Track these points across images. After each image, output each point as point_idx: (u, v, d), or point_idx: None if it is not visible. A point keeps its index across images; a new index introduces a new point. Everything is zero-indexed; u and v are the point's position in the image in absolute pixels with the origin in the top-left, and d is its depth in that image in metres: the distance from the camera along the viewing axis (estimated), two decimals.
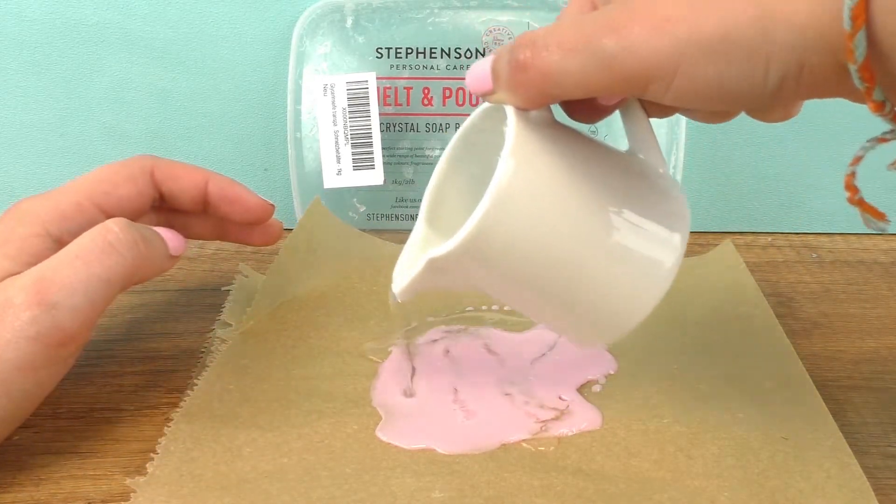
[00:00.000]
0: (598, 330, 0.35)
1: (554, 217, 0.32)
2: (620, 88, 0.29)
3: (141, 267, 0.36)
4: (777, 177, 0.58)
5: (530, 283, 0.33)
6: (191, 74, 0.55)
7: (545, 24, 0.54)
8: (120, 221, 0.36)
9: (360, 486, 0.34)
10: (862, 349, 0.45)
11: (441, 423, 0.38)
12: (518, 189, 0.31)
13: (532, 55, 0.29)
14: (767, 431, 0.37)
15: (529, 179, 0.31)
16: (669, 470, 0.35)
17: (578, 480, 0.35)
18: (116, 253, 0.35)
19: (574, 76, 0.28)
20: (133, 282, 0.37)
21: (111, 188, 0.39)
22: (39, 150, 0.57)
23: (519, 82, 0.30)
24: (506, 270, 0.33)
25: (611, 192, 0.33)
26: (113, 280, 0.35)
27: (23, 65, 0.55)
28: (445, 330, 0.45)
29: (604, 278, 0.33)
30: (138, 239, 0.36)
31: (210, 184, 0.42)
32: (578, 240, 0.32)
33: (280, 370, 0.41)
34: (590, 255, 0.32)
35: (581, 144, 0.34)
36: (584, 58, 0.28)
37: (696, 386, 0.41)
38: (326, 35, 0.54)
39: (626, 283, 0.33)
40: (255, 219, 0.43)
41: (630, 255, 0.33)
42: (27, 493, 0.35)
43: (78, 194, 0.39)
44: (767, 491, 0.34)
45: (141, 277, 0.37)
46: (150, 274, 0.38)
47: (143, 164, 0.41)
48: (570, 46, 0.28)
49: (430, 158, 0.55)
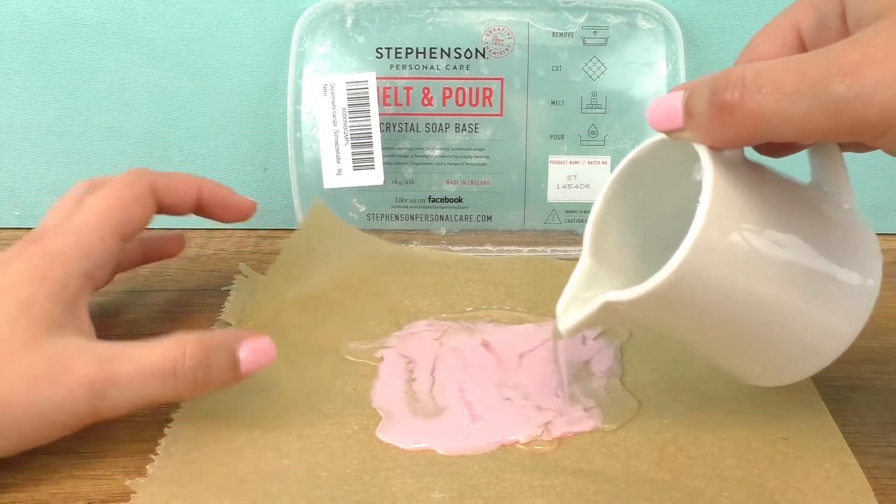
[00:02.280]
0: (785, 370, 0.35)
1: (754, 264, 0.31)
2: (848, 135, 0.27)
3: (195, 392, 0.36)
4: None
5: (716, 329, 0.33)
6: (191, 74, 0.55)
7: (545, 23, 0.54)
8: (195, 347, 0.35)
9: (360, 487, 0.34)
10: (862, 349, 0.45)
11: (441, 424, 0.38)
12: (716, 236, 0.30)
13: (742, 96, 0.27)
14: (767, 432, 0.37)
15: (728, 225, 0.30)
16: (669, 470, 0.35)
17: (578, 481, 0.35)
18: (174, 382, 0.35)
19: (793, 122, 0.27)
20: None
21: (124, 214, 0.40)
22: (39, 150, 0.57)
23: (722, 124, 0.28)
24: (692, 316, 0.32)
25: (807, 232, 0.32)
26: (161, 399, 0.36)
27: (23, 65, 0.55)
28: (428, 323, 0.46)
29: (798, 323, 0.32)
30: (201, 369, 0.35)
31: (203, 190, 0.44)
32: (778, 284, 0.31)
33: (280, 370, 0.41)
34: (792, 294, 0.32)
35: (771, 182, 0.33)
36: (807, 102, 0.26)
37: (695, 387, 0.41)
38: (326, 35, 0.54)
39: (830, 318, 0.33)
40: (242, 218, 0.46)
41: (827, 298, 0.32)
42: (27, 493, 0.35)
43: (99, 229, 0.39)
44: (767, 492, 0.34)
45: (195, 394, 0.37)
46: (207, 392, 0.37)
47: (144, 182, 0.41)
48: (790, 89, 0.26)
49: (430, 158, 0.55)
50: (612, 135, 0.55)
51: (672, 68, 0.54)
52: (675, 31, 0.53)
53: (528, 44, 0.54)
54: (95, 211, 0.40)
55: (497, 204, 0.56)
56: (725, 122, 0.28)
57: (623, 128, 0.55)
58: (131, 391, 0.34)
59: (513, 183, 0.56)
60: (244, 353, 0.36)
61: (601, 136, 0.55)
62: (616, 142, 0.55)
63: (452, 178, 0.56)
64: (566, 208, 0.56)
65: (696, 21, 0.54)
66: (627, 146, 0.55)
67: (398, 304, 0.47)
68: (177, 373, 0.35)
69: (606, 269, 0.36)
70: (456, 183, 0.56)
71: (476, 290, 0.49)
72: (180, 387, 0.35)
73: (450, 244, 0.55)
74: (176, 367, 0.35)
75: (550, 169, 0.55)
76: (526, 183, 0.55)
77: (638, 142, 0.54)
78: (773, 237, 0.31)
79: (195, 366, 0.35)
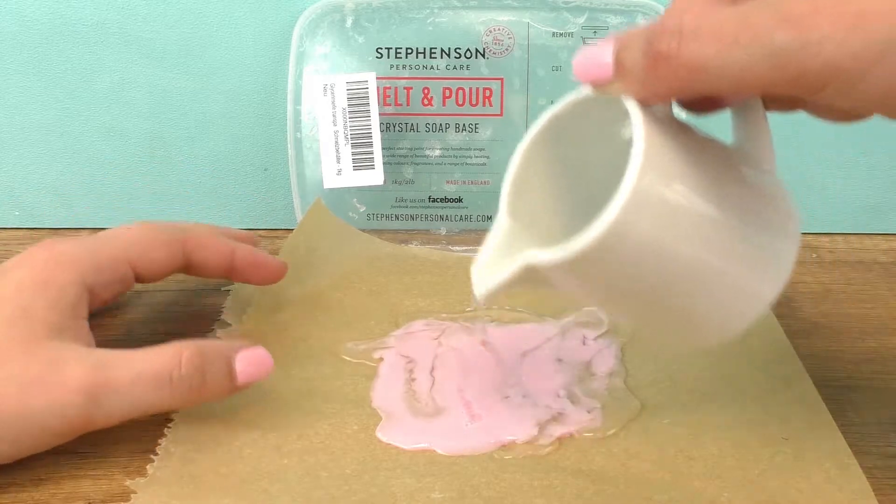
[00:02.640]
0: (714, 330, 0.33)
1: (685, 220, 0.29)
2: (788, 88, 0.25)
3: (191, 401, 0.36)
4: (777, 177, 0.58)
5: (647, 291, 0.31)
6: (191, 74, 0.55)
7: (545, 23, 0.54)
8: (191, 353, 0.35)
9: (360, 487, 0.34)
10: (862, 349, 0.45)
11: (441, 424, 0.38)
12: (648, 193, 0.28)
13: (679, 46, 0.26)
14: (767, 432, 0.37)
15: (660, 181, 0.28)
16: (669, 471, 0.35)
17: (578, 481, 0.35)
18: (170, 390, 0.35)
19: (732, 72, 0.25)
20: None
21: (146, 250, 0.40)
22: (39, 150, 0.56)
23: (657, 75, 0.27)
24: (618, 278, 0.30)
25: (731, 192, 0.31)
26: (157, 407, 0.35)
27: (23, 65, 0.55)
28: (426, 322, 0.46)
29: (730, 278, 0.31)
30: (197, 377, 0.35)
31: (236, 255, 0.43)
32: (707, 242, 0.30)
33: (280, 370, 0.41)
34: (717, 255, 0.30)
35: (697, 140, 0.31)
36: (749, 52, 0.25)
37: (695, 387, 0.41)
38: (326, 35, 0.54)
39: (752, 280, 0.31)
40: (274, 279, 0.45)
41: (750, 259, 0.31)
42: (27, 493, 0.35)
43: (115, 249, 0.39)
44: (767, 492, 0.34)
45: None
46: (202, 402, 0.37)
47: (176, 234, 0.42)
48: (731, 38, 0.25)
49: (430, 158, 0.55)
50: None
51: None
52: None
53: (528, 44, 0.54)
54: (117, 236, 0.40)
55: (497, 204, 0.56)
56: (661, 73, 0.27)
57: None
58: (126, 398, 0.34)
59: None
60: (240, 363, 0.36)
61: None
62: None
63: (452, 178, 0.56)
64: None
65: None
66: None
67: (398, 304, 0.47)
68: (173, 380, 0.34)
69: (528, 231, 0.34)
70: (456, 183, 0.56)
71: None
72: (176, 394, 0.35)
73: (450, 244, 0.55)
74: (172, 374, 0.34)
75: None
76: None
77: None
78: (702, 195, 0.30)
79: (191, 373, 0.35)
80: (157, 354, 0.35)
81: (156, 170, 0.57)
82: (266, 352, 0.37)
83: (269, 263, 0.45)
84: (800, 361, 0.42)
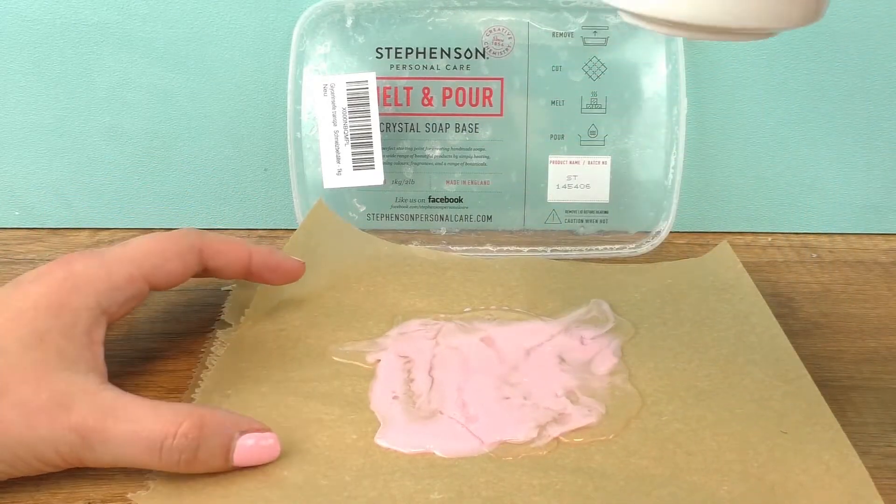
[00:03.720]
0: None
1: None
2: None
3: (180, 471, 0.35)
4: (777, 177, 0.58)
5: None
6: (191, 74, 0.55)
7: (545, 23, 0.54)
8: (189, 426, 0.34)
9: (359, 492, 0.34)
10: (862, 349, 0.45)
11: (439, 426, 0.38)
12: None
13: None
14: (766, 426, 0.38)
15: None
16: (668, 466, 0.35)
17: (577, 479, 0.35)
18: (159, 457, 0.34)
19: None
20: None
21: (161, 262, 0.40)
22: (39, 150, 0.57)
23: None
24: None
25: None
26: (146, 466, 0.35)
27: (23, 65, 0.55)
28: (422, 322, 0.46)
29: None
30: (189, 451, 0.34)
31: (253, 259, 0.43)
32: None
33: (278, 371, 0.41)
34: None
35: None
36: None
37: (694, 384, 0.41)
38: (326, 35, 0.54)
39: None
40: (292, 279, 0.45)
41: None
42: (27, 493, 0.35)
43: (131, 265, 0.39)
44: (767, 485, 0.34)
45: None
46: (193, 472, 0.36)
47: (192, 241, 0.41)
48: None
49: (430, 158, 0.55)
50: (612, 135, 0.55)
51: (672, 68, 0.54)
52: None
53: (528, 44, 0.54)
54: (135, 250, 0.40)
55: (497, 204, 0.56)
56: None
57: (623, 128, 0.55)
58: (117, 451, 0.34)
59: (513, 183, 0.56)
60: (243, 446, 0.35)
61: (601, 136, 0.55)
62: (616, 142, 0.55)
63: (452, 178, 0.56)
64: (566, 208, 0.56)
65: None
66: (627, 146, 0.55)
67: (396, 304, 0.47)
68: (163, 449, 0.34)
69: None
70: (456, 183, 0.56)
71: (474, 290, 0.49)
72: (164, 462, 0.34)
73: (450, 244, 0.55)
74: (164, 443, 0.34)
75: (550, 169, 0.55)
76: (526, 183, 0.55)
77: (638, 142, 0.54)
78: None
79: (183, 446, 0.34)
80: (157, 415, 0.34)
81: (156, 170, 0.57)
82: (274, 437, 0.36)
83: (286, 265, 0.45)
84: (800, 361, 0.42)
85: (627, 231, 0.56)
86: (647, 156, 0.55)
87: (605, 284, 0.49)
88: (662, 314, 0.47)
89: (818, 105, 0.56)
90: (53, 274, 0.37)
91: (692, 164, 0.57)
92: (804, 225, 0.58)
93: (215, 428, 0.35)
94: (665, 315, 0.46)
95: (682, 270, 0.51)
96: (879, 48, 0.54)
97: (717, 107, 0.56)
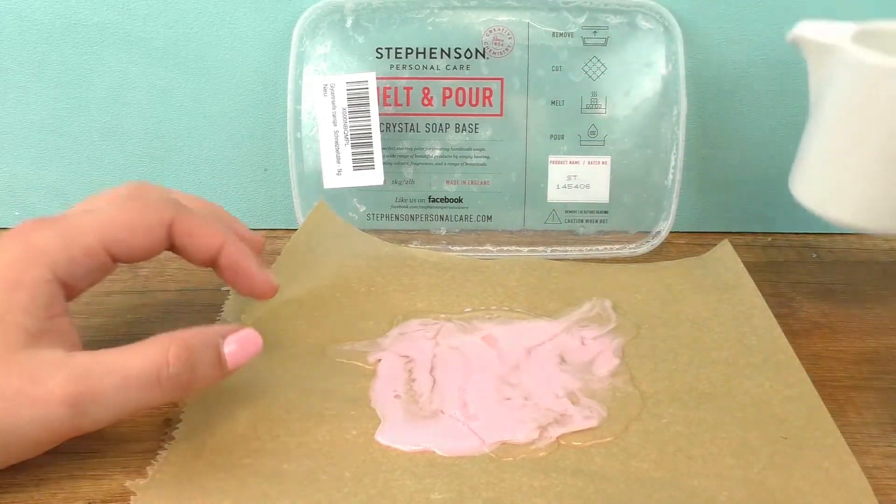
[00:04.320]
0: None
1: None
2: None
3: (183, 394, 0.35)
4: (777, 177, 0.58)
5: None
6: (191, 74, 0.55)
7: (545, 23, 0.54)
8: (178, 349, 0.34)
9: (359, 489, 0.34)
10: (862, 349, 0.45)
11: (440, 425, 0.38)
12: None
13: None
14: (767, 431, 0.38)
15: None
16: (669, 470, 0.35)
17: (577, 481, 0.35)
18: (160, 388, 0.34)
19: None
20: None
21: (127, 236, 0.37)
22: (39, 150, 0.57)
23: None
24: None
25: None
26: (147, 405, 0.35)
27: (23, 65, 0.55)
28: (421, 322, 0.46)
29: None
30: (186, 371, 0.34)
31: (223, 251, 0.40)
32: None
33: (278, 370, 0.41)
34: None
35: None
36: None
37: (694, 386, 0.41)
38: (326, 35, 0.54)
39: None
40: (257, 294, 0.41)
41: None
42: (27, 493, 0.35)
43: (91, 236, 0.37)
44: (767, 490, 0.34)
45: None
46: (194, 391, 0.36)
47: (162, 216, 0.38)
48: None
49: (430, 158, 0.55)
50: (612, 135, 0.55)
51: (672, 68, 0.54)
52: (675, 31, 0.53)
53: (528, 44, 0.54)
54: (97, 220, 0.37)
55: (497, 204, 0.56)
56: None
57: (623, 128, 0.55)
58: (113, 404, 0.33)
59: (513, 183, 0.56)
60: (229, 346, 0.36)
61: (601, 136, 0.55)
62: (616, 142, 0.55)
63: (452, 178, 0.56)
64: (566, 208, 0.56)
65: (696, 21, 0.54)
66: (627, 146, 0.55)
67: (396, 304, 0.47)
68: (161, 380, 0.34)
69: None
70: (456, 183, 0.56)
71: (474, 291, 0.49)
72: (166, 391, 0.34)
73: (450, 244, 0.55)
74: (160, 373, 0.34)
75: (550, 169, 0.55)
76: (526, 183, 0.55)
77: (638, 142, 0.54)
78: None
79: (180, 370, 0.34)
80: (141, 354, 0.34)
81: (156, 170, 0.57)
82: (254, 331, 0.37)
83: (256, 277, 0.41)
84: (799, 362, 0.42)
85: (627, 231, 0.56)
86: (647, 156, 0.55)
87: (605, 284, 0.49)
88: (663, 315, 0.47)
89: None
90: (8, 249, 0.36)
91: (692, 164, 0.57)
92: (804, 225, 0.58)
93: (201, 343, 0.35)
94: (665, 316, 0.46)
95: (682, 270, 0.51)
96: None
97: (717, 107, 0.56)
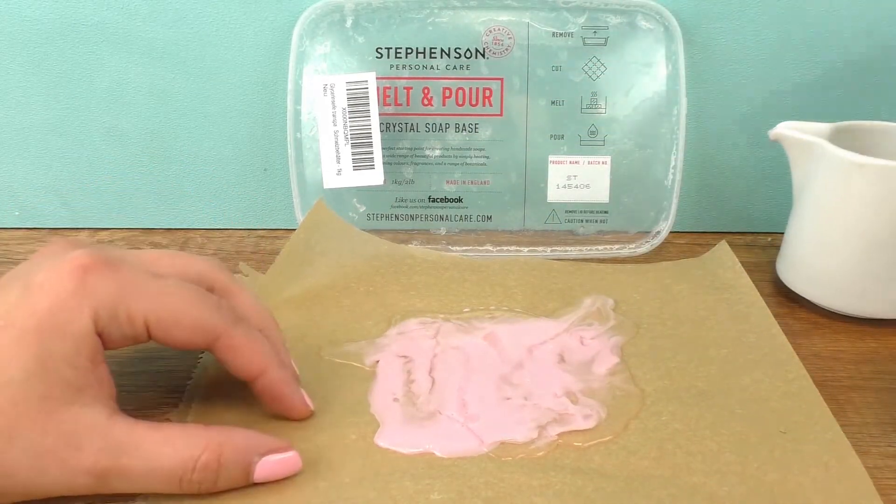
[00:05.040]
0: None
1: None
2: None
3: (200, 496, 0.34)
4: (777, 177, 0.58)
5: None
6: (190, 74, 0.55)
7: (545, 23, 0.54)
8: (208, 459, 0.33)
9: (358, 493, 0.34)
10: (862, 349, 0.45)
11: (439, 426, 0.38)
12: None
13: None
14: (766, 427, 0.38)
15: None
16: (668, 467, 0.35)
17: (577, 479, 0.35)
18: (178, 488, 0.33)
19: None
20: None
21: (170, 326, 0.35)
22: (39, 150, 0.57)
23: None
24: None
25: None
26: (167, 492, 0.34)
27: (23, 65, 0.55)
28: (420, 322, 0.45)
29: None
30: (208, 482, 0.34)
31: (262, 378, 0.37)
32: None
33: None
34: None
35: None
36: None
37: (693, 384, 0.41)
38: (326, 35, 0.54)
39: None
40: (293, 418, 0.39)
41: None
42: None
43: (143, 305, 0.35)
44: (766, 485, 0.34)
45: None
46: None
47: (214, 327, 0.36)
48: None
49: (430, 158, 0.55)
50: (612, 135, 0.55)
51: (672, 68, 0.54)
52: (675, 31, 0.53)
53: (528, 44, 0.54)
54: (154, 293, 0.35)
55: (497, 204, 0.56)
56: None
57: (623, 128, 0.55)
58: (134, 485, 0.33)
59: (513, 183, 0.56)
60: (264, 466, 0.34)
61: (601, 136, 0.55)
62: (616, 142, 0.55)
63: (452, 178, 0.56)
64: (566, 208, 0.56)
65: (696, 21, 0.54)
66: (627, 146, 0.55)
67: (395, 304, 0.47)
68: (182, 482, 0.33)
69: None
70: (456, 183, 0.56)
71: (473, 290, 0.49)
72: (185, 492, 0.34)
73: (450, 244, 0.55)
74: (183, 477, 0.33)
75: (550, 169, 0.55)
76: (526, 183, 0.55)
77: (637, 142, 0.54)
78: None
79: (203, 479, 0.33)
80: (172, 447, 0.33)
81: (156, 170, 0.57)
82: (296, 456, 0.35)
83: (292, 404, 0.38)
84: (799, 361, 0.42)
85: (627, 231, 0.56)
86: (647, 156, 0.55)
87: (604, 284, 0.49)
88: (662, 314, 0.47)
89: (818, 105, 0.56)
90: (63, 281, 0.34)
91: (692, 164, 0.57)
92: None
93: (233, 455, 0.34)
94: (664, 315, 0.46)
95: (681, 270, 0.51)
96: (880, 48, 0.54)
97: (717, 107, 0.56)
